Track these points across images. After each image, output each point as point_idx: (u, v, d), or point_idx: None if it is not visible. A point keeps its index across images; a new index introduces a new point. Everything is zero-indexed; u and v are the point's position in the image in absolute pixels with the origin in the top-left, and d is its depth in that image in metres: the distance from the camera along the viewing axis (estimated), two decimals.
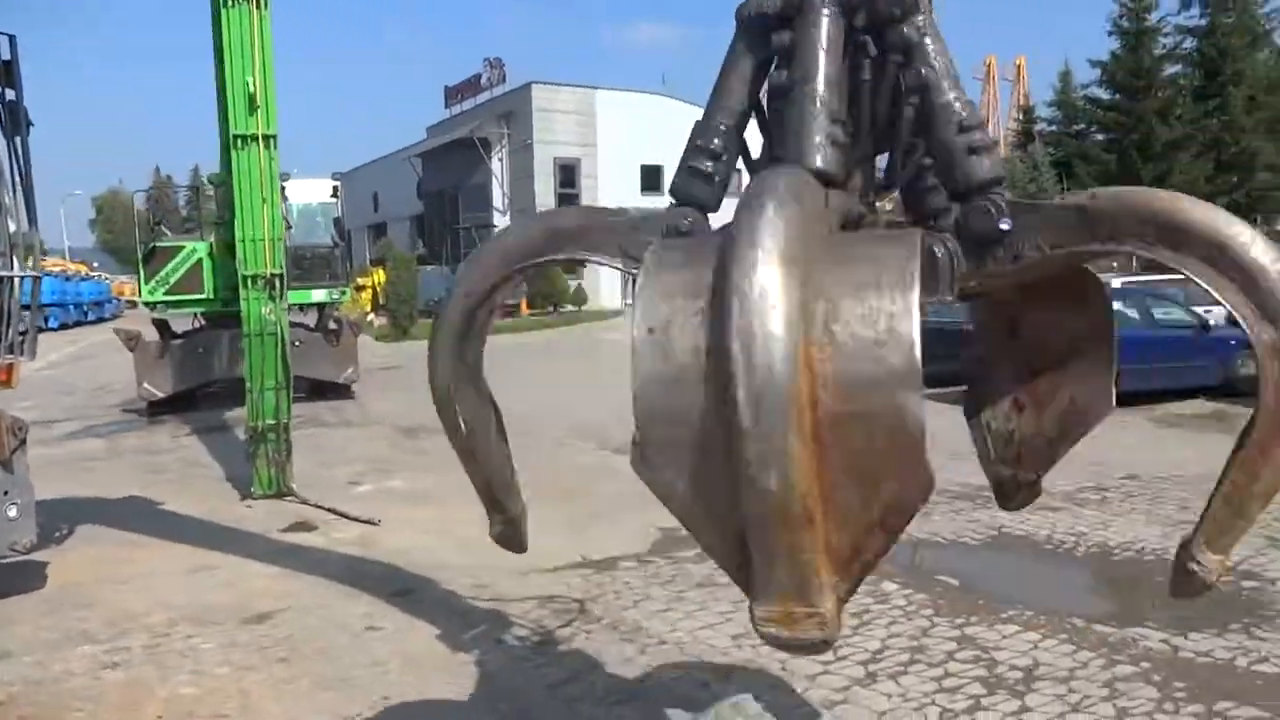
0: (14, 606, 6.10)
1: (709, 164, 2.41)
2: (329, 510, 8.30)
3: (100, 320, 46.01)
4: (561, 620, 5.61)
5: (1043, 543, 7.02)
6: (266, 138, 8.08)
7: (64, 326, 42.24)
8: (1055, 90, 42.18)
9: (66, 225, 76.59)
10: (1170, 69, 36.22)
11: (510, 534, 2.88)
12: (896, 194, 2.55)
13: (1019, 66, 74.67)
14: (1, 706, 4.58)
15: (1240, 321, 1.86)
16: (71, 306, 45.20)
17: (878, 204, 2.52)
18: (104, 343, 15.91)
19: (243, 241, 8.26)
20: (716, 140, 2.43)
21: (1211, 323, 13.91)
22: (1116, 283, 17.02)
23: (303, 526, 7.96)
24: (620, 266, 2.45)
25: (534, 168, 41.38)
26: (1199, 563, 2.14)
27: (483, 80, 44.47)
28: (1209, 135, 33.60)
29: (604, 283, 42.53)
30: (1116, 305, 9.82)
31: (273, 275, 8.33)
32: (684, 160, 2.47)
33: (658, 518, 7.88)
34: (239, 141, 8.05)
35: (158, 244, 16.09)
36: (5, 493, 5.88)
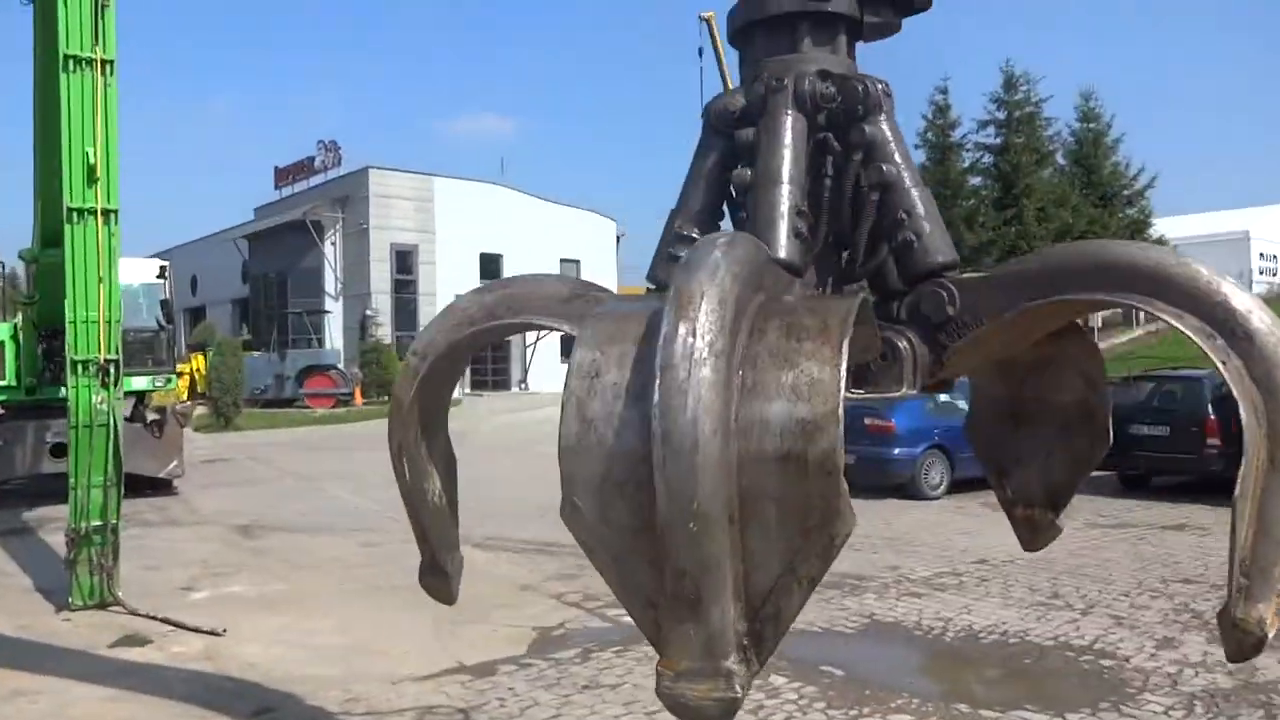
0: None
1: (686, 251, 2.41)
2: (164, 621, 7.51)
3: None
4: None
5: (913, 629, 7.19)
6: (106, 212, 7.50)
7: None
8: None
9: None
10: (973, 180, 39.75)
11: (439, 585, 3.02)
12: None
13: None
14: None
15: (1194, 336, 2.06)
16: None
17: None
18: None
19: (74, 323, 7.56)
20: (692, 228, 2.44)
21: None
22: None
23: (134, 641, 7.16)
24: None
25: (370, 253, 40.51)
26: (1247, 620, 2.05)
27: (316, 162, 43.48)
28: (1008, 242, 36.87)
29: None
30: (944, 397, 10.40)
31: (107, 361, 7.64)
32: (662, 247, 2.47)
33: (532, 616, 7.59)
34: (75, 215, 7.43)
35: None
36: None
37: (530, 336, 45.82)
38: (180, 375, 35.83)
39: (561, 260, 47.02)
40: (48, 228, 10.21)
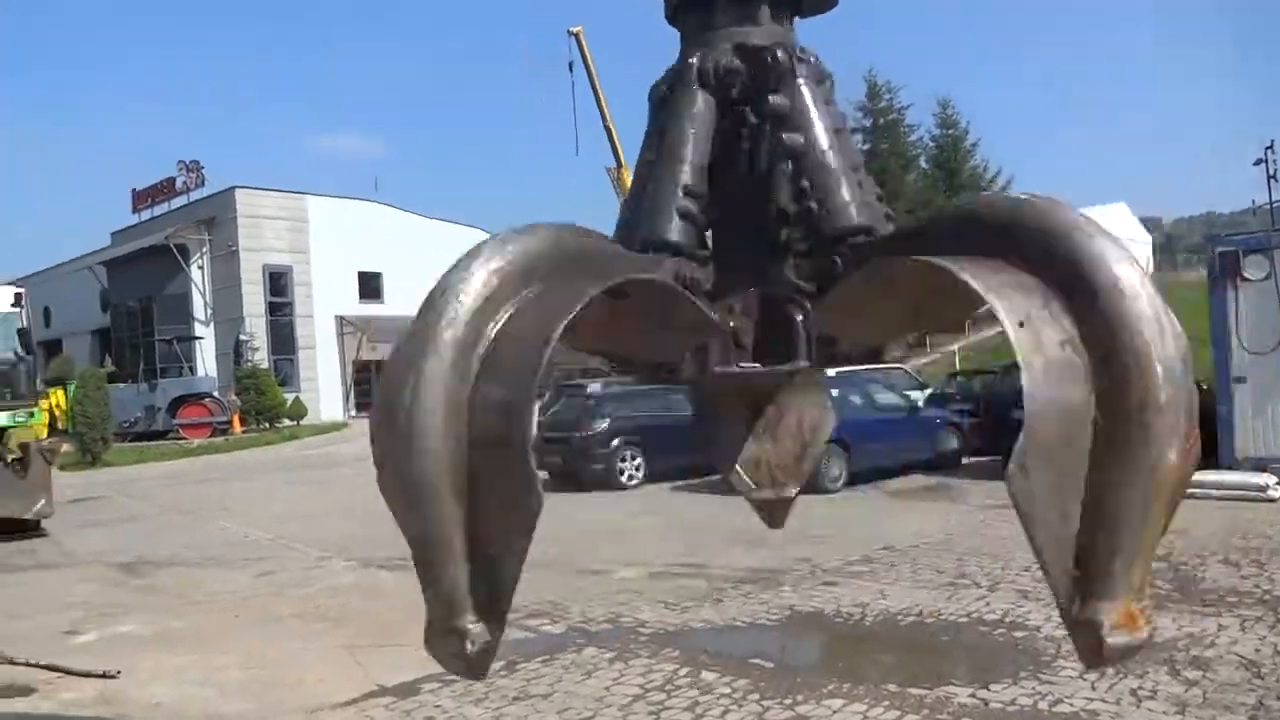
0: None
1: (692, 204, 2.40)
2: (46, 667, 6.95)
3: None
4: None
5: (832, 616, 7.30)
6: None
7: None
8: None
9: None
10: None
11: (487, 656, 2.12)
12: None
13: None
14: None
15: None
16: None
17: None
18: None
19: None
20: (696, 179, 2.42)
21: (920, 406, 15.55)
22: (831, 372, 18.64)
23: (15, 691, 6.59)
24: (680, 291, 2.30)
25: (241, 275, 38.95)
26: (1093, 620, 1.86)
27: (178, 184, 41.57)
28: None
29: (324, 395, 40.47)
30: (836, 392, 10.73)
31: None
32: (661, 199, 2.43)
33: None
34: None
35: None
36: None
37: None
38: (38, 411, 33.73)
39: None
40: None
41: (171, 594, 9.54)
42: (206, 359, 38.33)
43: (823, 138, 2.43)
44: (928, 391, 18.27)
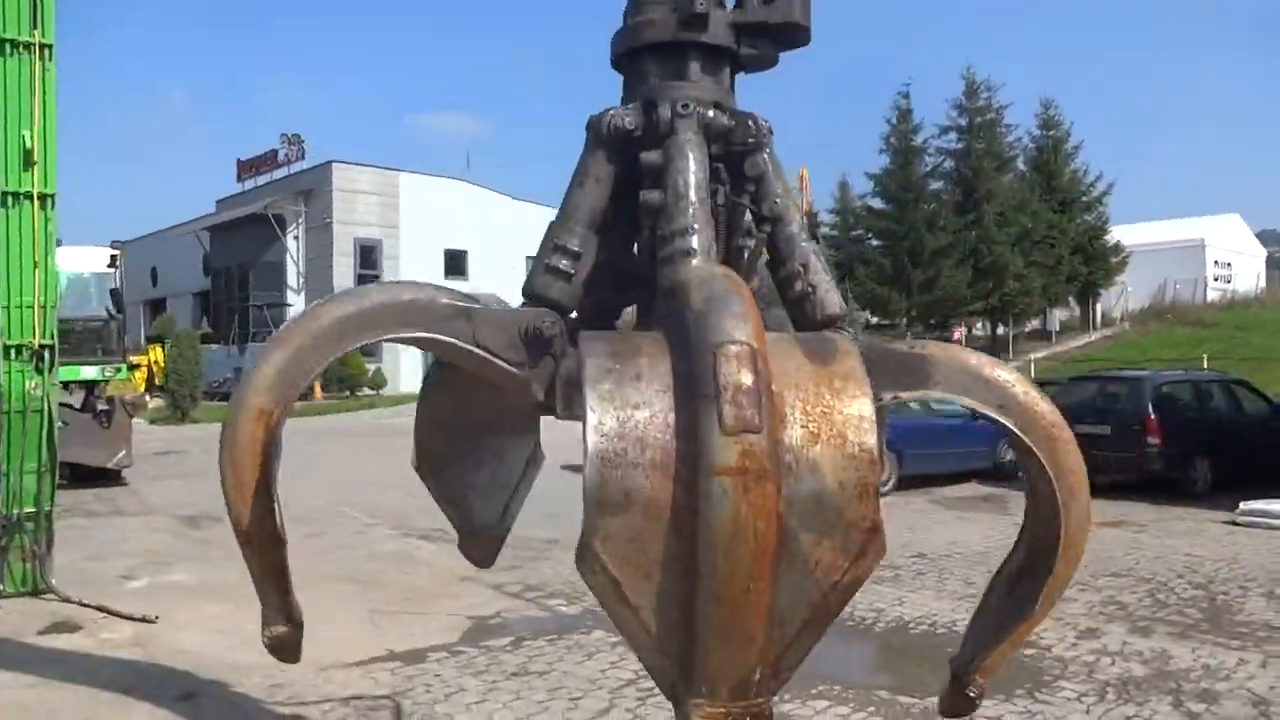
0: None
1: (566, 263, 2.44)
2: (96, 608, 7.45)
3: None
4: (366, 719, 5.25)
5: (844, 620, 7.29)
6: (43, 196, 7.42)
7: None
8: (835, 199, 45.74)
9: None
10: (934, 184, 40.15)
11: (291, 639, 2.80)
12: None
13: (802, 176, 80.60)
14: None
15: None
16: None
17: None
18: None
19: (7, 308, 7.47)
20: (575, 242, 2.44)
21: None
22: None
23: (65, 628, 7.10)
24: (474, 353, 2.41)
25: (333, 247, 40.23)
26: (977, 688, 2.65)
27: (280, 156, 43.11)
28: (968, 245, 37.28)
29: (404, 365, 41.55)
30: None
31: (42, 346, 7.56)
32: (540, 258, 2.47)
33: (470, 606, 7.61)
34: (9, 199, 7.34)
35: None
36: None
37: None
38: (137, 367, 35.54)
39: (527, 257, 46.95)
40: None
41: (223, 548, 10.02)
42: None
43: (794, 206, 2.50)
44: None
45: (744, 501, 1.77)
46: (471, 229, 42.29)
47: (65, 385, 15.60)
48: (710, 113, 2.42)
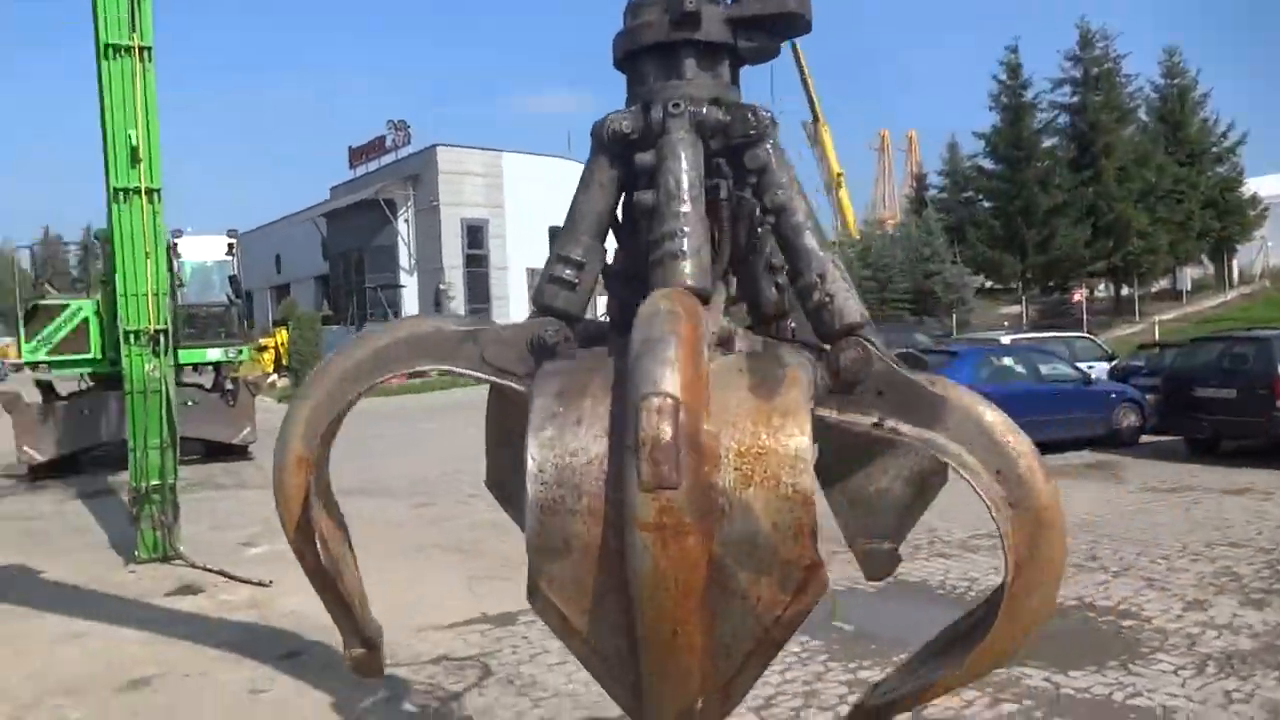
0: None
1: (570, 272, 2.44)
2: (216, 572, 7.97)
3: None
4: (456, 678, 5.48)
5: (936, 588, 7.19)
6: (150, 191, 7.90)
7: None
8: (944, 160, 44.31)
9: None
10: (1047, 141, 38.42)
11: (372, 659, 2.87)
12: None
13: (911, 138, 78.27)
14: None
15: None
16: None
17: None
18: None
19: (124, 296, 8.00)
20: (578, 251, 2.45)
21: (1092, 378, 14.62)
22: (1005, 340, 17.83)
23: (188, 590, 7.63)
24: (484, 377, 2.48)
25: (441, 228, 41.30)
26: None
27: (387, 141, 44.40)
28: (1085, 203, 35.60)
29: None
30: (1006, 361, 10.36)
31: (157, 331, 8.08)
32: (547, 269, 2.46)
33: None
34: (120, 195, 7.85)
35: (40, 302, 15.46)
36: None
37: (601, 307, 46.14)
38: (265, 349, 37.36)
39: None
40: None
41: None
42: (410, 306, 41.03)
43: (800, 196, 2.45)
44: (1110, 364, 17.09)
45: (663, 556, 1.80)
46: None
47: (194, 367, 16.67)
48: (704, 109, 2.39)
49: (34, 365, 15.11)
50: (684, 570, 1.83)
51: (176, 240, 16.65)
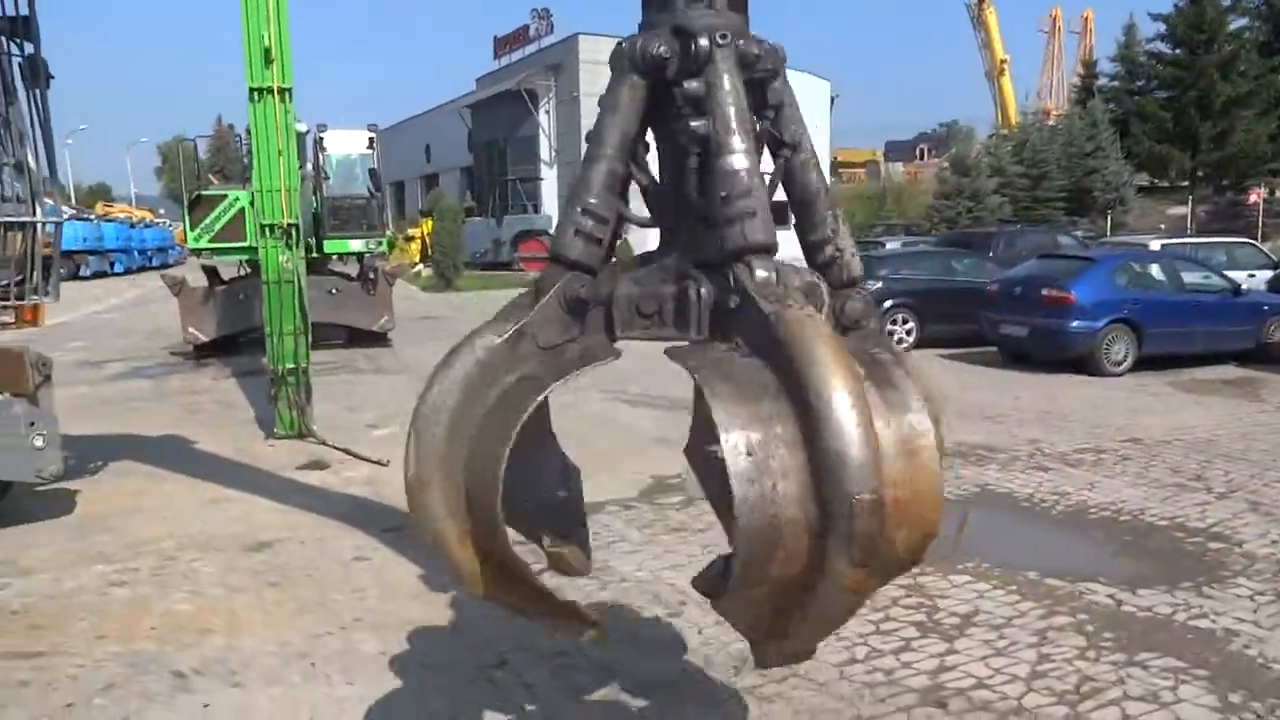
0: (42, 530, 6.61)
1: (592, 224, 2.49)
2: (342, 450, 8.72)
3: (164, 266, 47.37)
4: (536, 559, 5.91)
5: (1021, 501, 7.15)
6: (282, 90, 8.37)
7: (128, 271, 43.67)
8: (1119, 45, 40.83)
9: (134, 172, 78.65)
10: (1235, 23, 34.78)
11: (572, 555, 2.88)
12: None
13: (1086, 19, 72.16)
14: (15, 616, 5.05)
15: None
16: (135, 252, 46.60)
17: None
18: (163, 288, 16.57)
19: (259, 192, 8.60)
20: (597, 200, 2.48)
21: (1244, 288, 13.65)
22: (1155, 244, 16.76)
23: (316, 465, 8.39)
24: (575, 375, 2.47)
25: (581, 120, 41.35)
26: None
27: (531, 31, 44.39)
28: (1274, 93, 32.30)
29: (652, 239, 42.58)
30: (1146, 268, 10.00)
31: (289, 225, 8.67)
32: (567, 217, 2.51)
33: (655, 467, 8.15)
34: (255, 95, 8.35)
35: (202, 192, 16.61)
36: (32, 424, 6.32)
37: None
38: (412, 238, 38.93)
39: None
40: None
41: None
42: (549, 198, 41.65)
43: (724, 126, 2.33)
44: (1271, 273, 15.84)
45: (851, 600, 2.14)
46: None
47: (339, 256, 17.67)
48: (741, 42, 2.40)
49: (196, 252, 16.39)
50: (857, 602, 2.18)
51: (322, 135, 17.49)
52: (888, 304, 14.95)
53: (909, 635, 4.70)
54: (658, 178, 2.63)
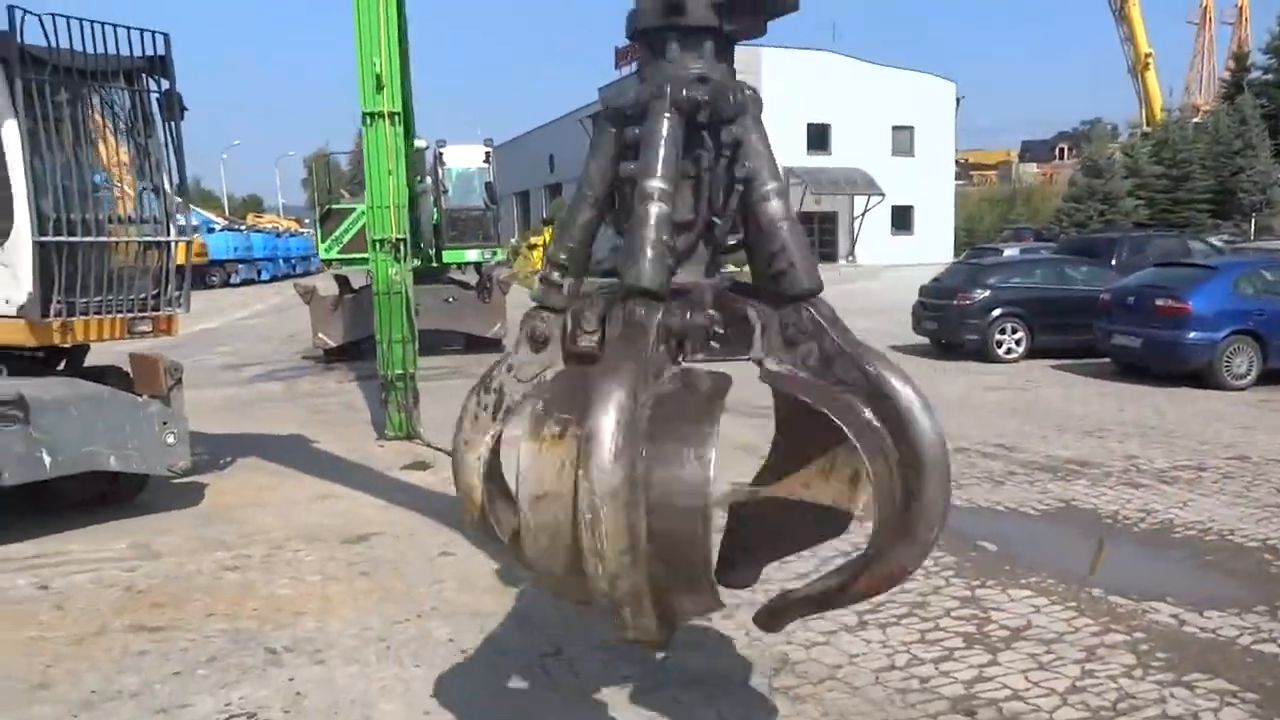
0: (173, 519, 7.34)
1: (557, 275, 2.88)
2: (444, 451, 9.25)
3: (306, 274, 50.07)
4: None
5: (1105, 517, 7.02)
6: (392, 114, 8.98)
7: (273, 279, 46.44)
8: (1272, 35, 38.40)
9: (282, 184, 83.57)
10: None
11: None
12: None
13: (1241, 8, 67.91)
14: (140, 594, 5.69)
15: None
16: (281, 260, 49.46)
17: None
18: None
19: (371, 208, 9.25)
20: (564, 254, 2.87)
21: None
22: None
23: (419, 465, 8.94)
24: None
25: None
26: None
27: None
28: None
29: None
30: (1247, 271, 9.58)
31: (398, 239, 9.28)
32: (542, 271, 2.92)
33: (739, 473, 8.34)
34: (368, 119, 8.99)
35: (333, 206, 17.72)
36: (165, 423, 7.06)
37: (859, 206, 45.00)
38: (534, 248, 39.97)
39: (894, 127, 45.25)
40: None
41: None
42: None
43: (769, 166, 2.75)
44: None
45: None
46: (834, 100, 41.52)
47: (458, 266, 18.52)
48: (684, 91, 2.64)
49: (327, 263, 17.50)
50: None
51: (441, 150, 18.37)
52: (995, 313, 14.66)
53: (953, 645, 4.78)
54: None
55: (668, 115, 2.68)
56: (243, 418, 11.50)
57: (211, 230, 42.29)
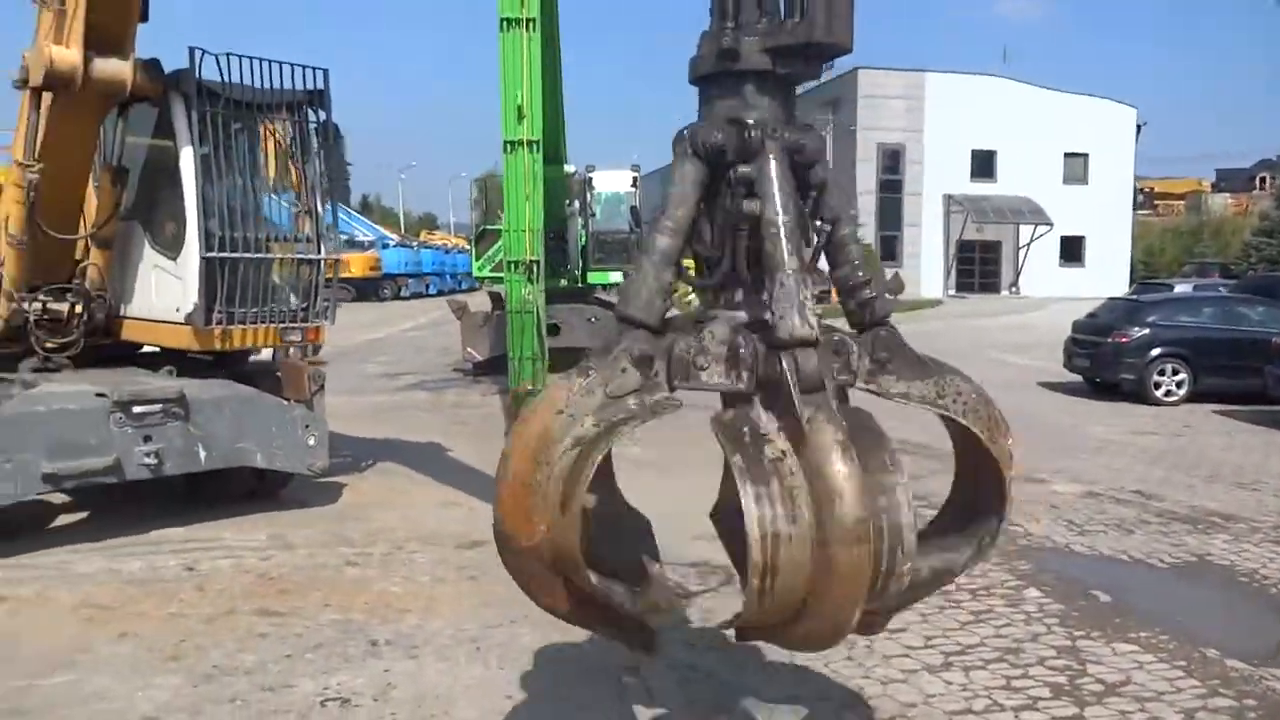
0: (312, 515, 7.93)
1: (657, 286, 2.82)
2: None
3: (471, 290, 52.35)
4: (699, 582, 6.33)
5: (1241, 575, 6.57)
6: (531, 142, 9.42)
7: (440, 293, 48.75)
8: None
9: (454, 203, 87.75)
10: None
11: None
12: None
13: None
14: (271, 581, 6.21)
15: None
16: (448, 275, 51.89)
17: None
18: None
19: (508, 232, 9.70)
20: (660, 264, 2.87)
21: None
22: None
23: None
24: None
25: (857, 153, 41.15)
26: None
27: None
28: None
29: (925, 272, 41.46)
30: None
31: (531, 261, 9.70)
32: (637, 280, 2.86)
33: None
34: (509, 146, 9.46)
35: (487, 227, 18.58)
36: (307, 426, 7.66)
37: (1024, 236, 43.12)
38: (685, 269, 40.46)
39: (1066, 154, 43.29)
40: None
41: (676, 427, 11.82)
42: None
43: (772, 205, 2.70)
44: None
45: None
46: (1000, 126, 40.15)
47: (604, 287, 19.04)
48: (787, 134, 2.73)
49: (480, 281, 18.36)
50: None
51: (590, 175, 18.97)
52: (1155, 352, 13.82)
53: (1039, 694, 4.63)
54: (710, 246, 3.07)
55: (781, 152, 2.81)
56: (389, 424, 12.22)
57: (386, 246, 44.91)
